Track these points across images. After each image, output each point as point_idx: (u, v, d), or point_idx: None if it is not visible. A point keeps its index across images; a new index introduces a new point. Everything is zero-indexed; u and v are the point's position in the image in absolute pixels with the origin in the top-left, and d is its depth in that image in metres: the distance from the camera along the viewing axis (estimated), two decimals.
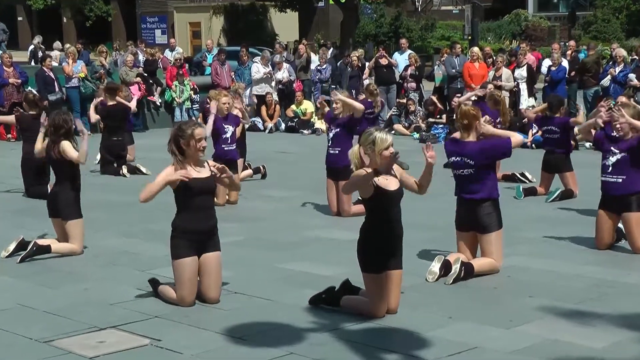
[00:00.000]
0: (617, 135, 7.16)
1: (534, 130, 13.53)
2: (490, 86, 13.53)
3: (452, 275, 6.26)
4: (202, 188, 5.78)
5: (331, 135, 8.91)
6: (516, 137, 6.66)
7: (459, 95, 13.20)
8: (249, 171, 11.34)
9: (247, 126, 12.70)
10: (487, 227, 6.45)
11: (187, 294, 5.80)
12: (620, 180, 7.07)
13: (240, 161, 11.21)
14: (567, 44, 17.27)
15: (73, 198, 7.37)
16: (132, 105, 12.90)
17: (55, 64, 17.99)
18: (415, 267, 6.57)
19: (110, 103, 12.39)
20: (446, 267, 6.35)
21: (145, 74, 17.96)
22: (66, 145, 7.33)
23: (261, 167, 11.58)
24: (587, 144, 10.07)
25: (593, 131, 7.71)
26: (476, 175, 6.44)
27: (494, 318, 5.49)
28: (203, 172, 5.84)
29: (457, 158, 6.51)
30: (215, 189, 6.13)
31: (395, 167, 5.56)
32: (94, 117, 12.26)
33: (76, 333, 5.35)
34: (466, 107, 6.61)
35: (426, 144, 5.81)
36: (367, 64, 17.85)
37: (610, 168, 7.14)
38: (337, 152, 8.70)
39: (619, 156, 7.08)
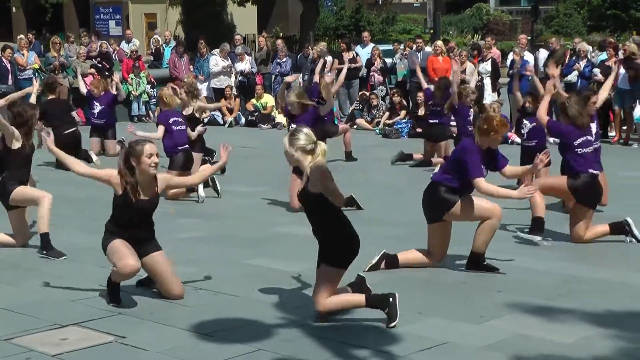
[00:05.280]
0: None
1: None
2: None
3: (369, 264, 6.35)
4: (143, 208, 5.68)
5: None
6: (479, 184, 6.30)
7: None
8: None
9: (205, 120, 12.70)
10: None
11: (130, 261, 5.58)
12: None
13: (199, 156, 11.12)
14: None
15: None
16: (121, 93, 13.14)
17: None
18: None
19: (50, 97, 12.36)
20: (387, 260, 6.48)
21: (100, 65, 17.69)
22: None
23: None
24: (551, 139, 10.08)
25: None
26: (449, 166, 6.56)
27: (463, 314, 5.47)
28: (149, 191, 5.70)
29: None
30: (156, 207, 5.85)
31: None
32: (82, 85, 12.92)
33: (37, 330, 5.20)
34: (494, 114, 6.45)
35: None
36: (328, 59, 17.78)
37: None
38: None
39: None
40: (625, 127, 14.30)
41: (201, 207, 9.27)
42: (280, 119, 16.87)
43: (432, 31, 25.71)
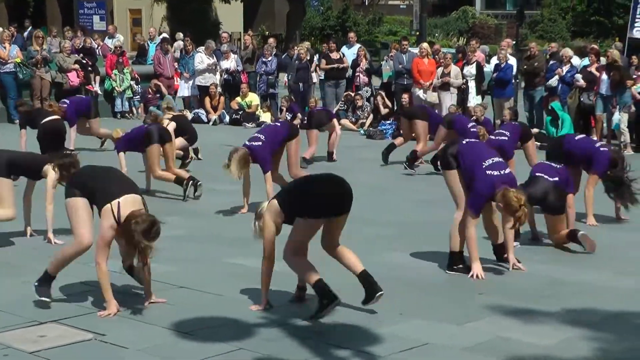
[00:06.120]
0: None
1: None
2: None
3: None
4: None
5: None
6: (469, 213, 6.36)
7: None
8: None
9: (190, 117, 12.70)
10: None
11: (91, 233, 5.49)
12: None
13: (182, 140, 10.94)
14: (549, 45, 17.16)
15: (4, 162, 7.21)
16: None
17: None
18: (366, 264, 6.52)
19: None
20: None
21: (84, 61, 17.59)
22: (52, 174, 7.16)
23: (193, 156, 11.46)
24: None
25: None
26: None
27: (444, 315, 5.47)
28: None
29: None
30: None
31: None
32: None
33: (15, 327, 5.15)
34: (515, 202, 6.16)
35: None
36: (315, 58, 17.79)
37: None
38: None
39: None
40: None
41: (183, 205, 9.22)
42: (265, 118, 16.84)
43: (418, 33, 25.74)
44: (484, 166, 6.29)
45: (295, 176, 8.66)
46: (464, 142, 6.75)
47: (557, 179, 7.33)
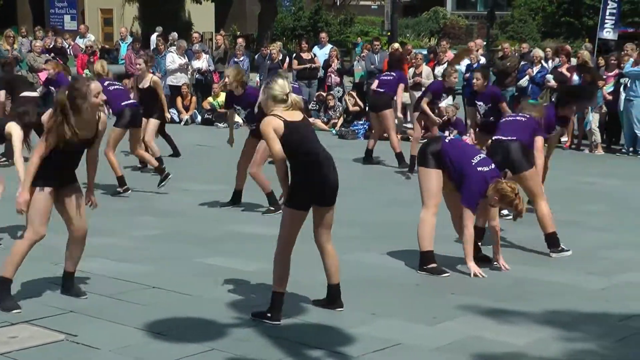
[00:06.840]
0: None
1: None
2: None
3: None
4: (76, 147, 5.43)
5: (243, 115, 9.17)
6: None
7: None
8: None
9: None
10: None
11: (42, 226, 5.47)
12: None
13: (155, 122, 10.80)
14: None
15: None
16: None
17: None
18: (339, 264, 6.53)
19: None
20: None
21: (55, 60, 17.43)
22: (16, 131, 7.03)
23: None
24: None
25: None
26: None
27: (417, 315, 5.50)
28: (87, 131, 5.42)
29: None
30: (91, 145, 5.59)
31: None
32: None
33: None
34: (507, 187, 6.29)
35: None
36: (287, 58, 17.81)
37: None
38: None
39: None
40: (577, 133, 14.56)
41: (156, 205, 9.18)
42: (237, 117, 16.78)
43: (389, 33, 25.83)
44: (473, 163, 6.35)
45: (253, 174, 8.73)
46: (446, 140, 6.78)
47: (515, 137, 7.23)
